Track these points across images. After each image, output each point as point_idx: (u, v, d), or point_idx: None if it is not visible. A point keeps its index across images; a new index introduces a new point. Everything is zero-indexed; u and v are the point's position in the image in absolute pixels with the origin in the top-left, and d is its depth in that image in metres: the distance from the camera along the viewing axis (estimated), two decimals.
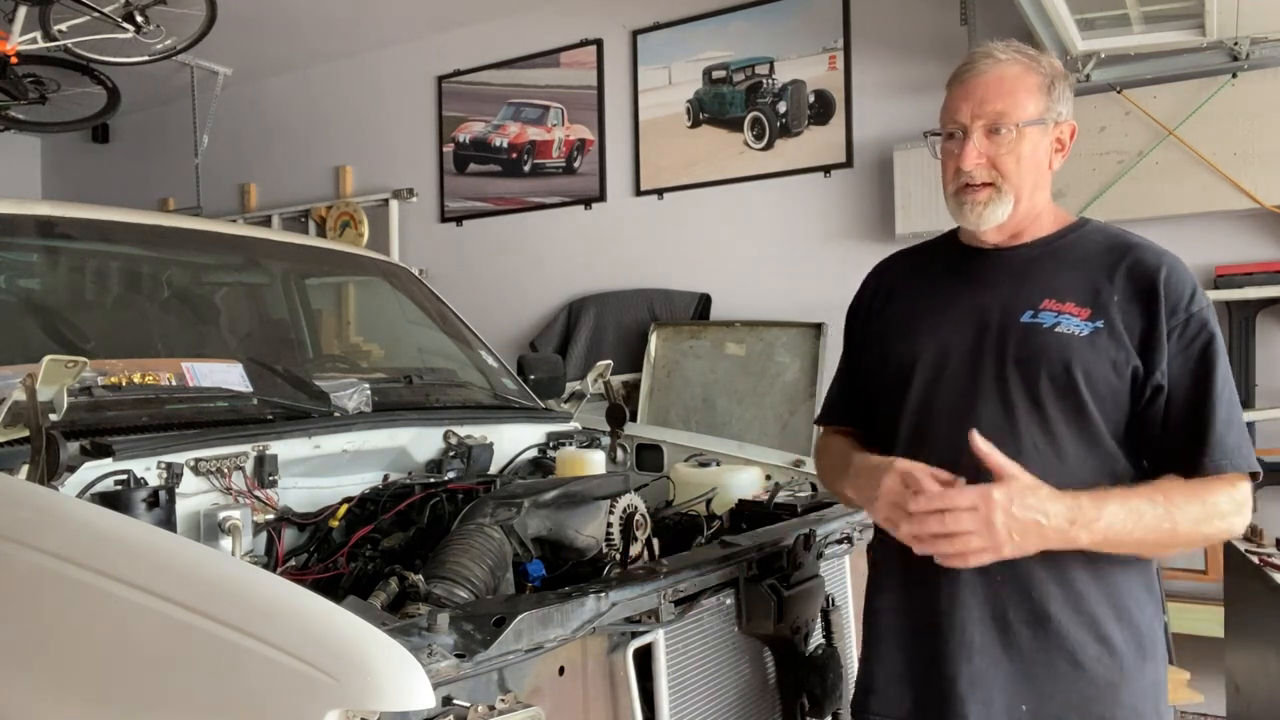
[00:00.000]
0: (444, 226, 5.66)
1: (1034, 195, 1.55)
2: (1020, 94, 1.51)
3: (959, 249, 1.66)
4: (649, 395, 4.63)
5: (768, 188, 4.64)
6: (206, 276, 2.87)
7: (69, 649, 1.28)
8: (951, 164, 1.55)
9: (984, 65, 1.54)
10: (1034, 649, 1.47)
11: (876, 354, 1.68)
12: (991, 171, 1.52)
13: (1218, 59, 3.56)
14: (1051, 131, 1.55)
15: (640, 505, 1.98)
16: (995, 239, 1.58)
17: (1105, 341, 1.47)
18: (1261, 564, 2.49)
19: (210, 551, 1.44)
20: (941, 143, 1.57)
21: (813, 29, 4.52)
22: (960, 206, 1.55)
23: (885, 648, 1.59)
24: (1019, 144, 1.51)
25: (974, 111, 1.51)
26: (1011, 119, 1.50)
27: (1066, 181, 3.81)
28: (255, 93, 6.37)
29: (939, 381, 1.55)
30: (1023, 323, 1.51)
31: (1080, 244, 1.57)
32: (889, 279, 1.75)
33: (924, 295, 1.65)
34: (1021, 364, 1.49)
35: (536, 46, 5.31)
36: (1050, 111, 1.54)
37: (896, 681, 1.56)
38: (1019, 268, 1.57)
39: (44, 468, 1.57)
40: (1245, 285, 3.54)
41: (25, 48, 4.22)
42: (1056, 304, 1.50)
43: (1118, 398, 1.48)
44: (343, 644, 1.10)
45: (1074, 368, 1.46)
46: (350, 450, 2.19)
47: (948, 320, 1.58)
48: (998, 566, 1.44)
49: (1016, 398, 1.49)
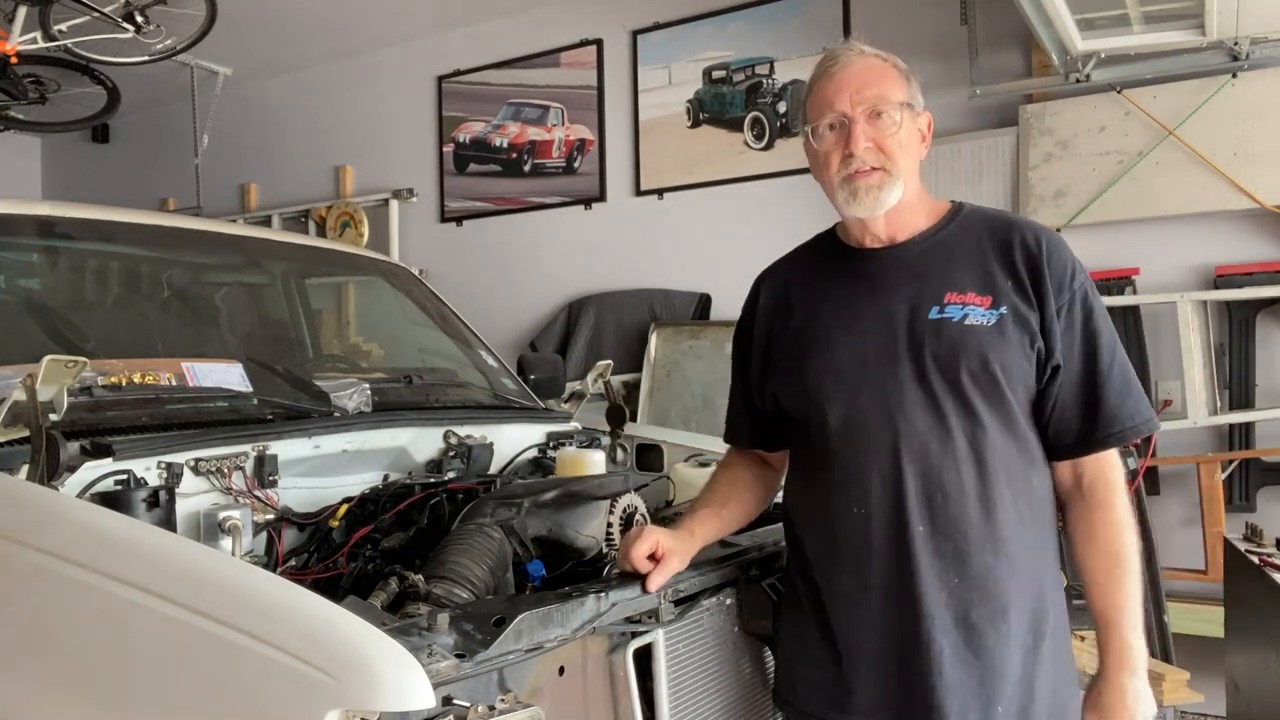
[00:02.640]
0: (444, 226, 5.66)
1: (912, 182, 1.57)
2: (890, 81, 1.55)
3: (845, 251, 1.65)
4: (649, 395, 4.63)
5: (768, 188, 4.64)
6: (206, 276, 2.87)
7: (69, 649, 1.28)
8: (836, 154, 1.55)
9: (850, 57, 1.57)
10: (999, 647, 1.48)
11: (788, 373, 1.63)
12: (879, 155, 1.53)
13: (1218, 59, 3.55)
14: (918, 119, 1.58)
15: (640, 505, 1.98)
16: (882, 230, 1.58)
17: (1010, 327, 1.49)
18: (1261, 564, 2.49)
19: (210, 551, 1.44)
20: (817, 138, 1.57)
21: (813, 29, 4.52)
22: (854, 194, 1.54)
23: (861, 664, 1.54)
24: (900, 127, 1.53)
25: (853, 99, 1.53)
26: (891, 101, 1.53)
27: (1066, 181, 3.82)
28: (255, 93, 6.37)
29: (860, 392, 1.53)
30: (931, 319, 1.51)
31: (962, 231, 1.59)
32: (779, 293, 1.70)
33: (825, 306, 1.62)
34: (940, 361, 1.49)
35: (536, 46, 5.31)
36: (915, 99, 1.57)
37: (877, 700, 1.53)
38: (913, 264, 1.57)
39: (44, 468, 1.57)
40: (1245, 285, 3.54)
41: (25, 48, 4.22)
42: (959, 295, 1.52)
43: (1027, 381, 1.51)
44: (343, 644, 1.10)
45: (991, 361, 1.48)
46: (350, 450, 2.19)
47: (857, 329, 1.56)
48: (954, 570, 1.48)
49: (942, 397, 1.49)
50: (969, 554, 1.48)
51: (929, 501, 1.48)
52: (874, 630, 1.52)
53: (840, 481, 1.54)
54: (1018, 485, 1.51)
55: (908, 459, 1.48)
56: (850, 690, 1.54)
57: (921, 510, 1.48)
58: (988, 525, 1.48)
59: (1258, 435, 3.57)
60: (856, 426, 1.53)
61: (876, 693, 1.52)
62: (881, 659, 1.52)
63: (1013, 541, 1.49)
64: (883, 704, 1.52)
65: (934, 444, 1.48)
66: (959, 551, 1.48)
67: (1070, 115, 3.83)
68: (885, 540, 1.50)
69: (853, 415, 1.53)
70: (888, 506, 1.50)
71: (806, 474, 1.63)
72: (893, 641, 1.51)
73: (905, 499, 1.48)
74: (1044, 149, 3.86)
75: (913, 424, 1.49)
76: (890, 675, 1.51)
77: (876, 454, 1.51)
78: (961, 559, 1.48)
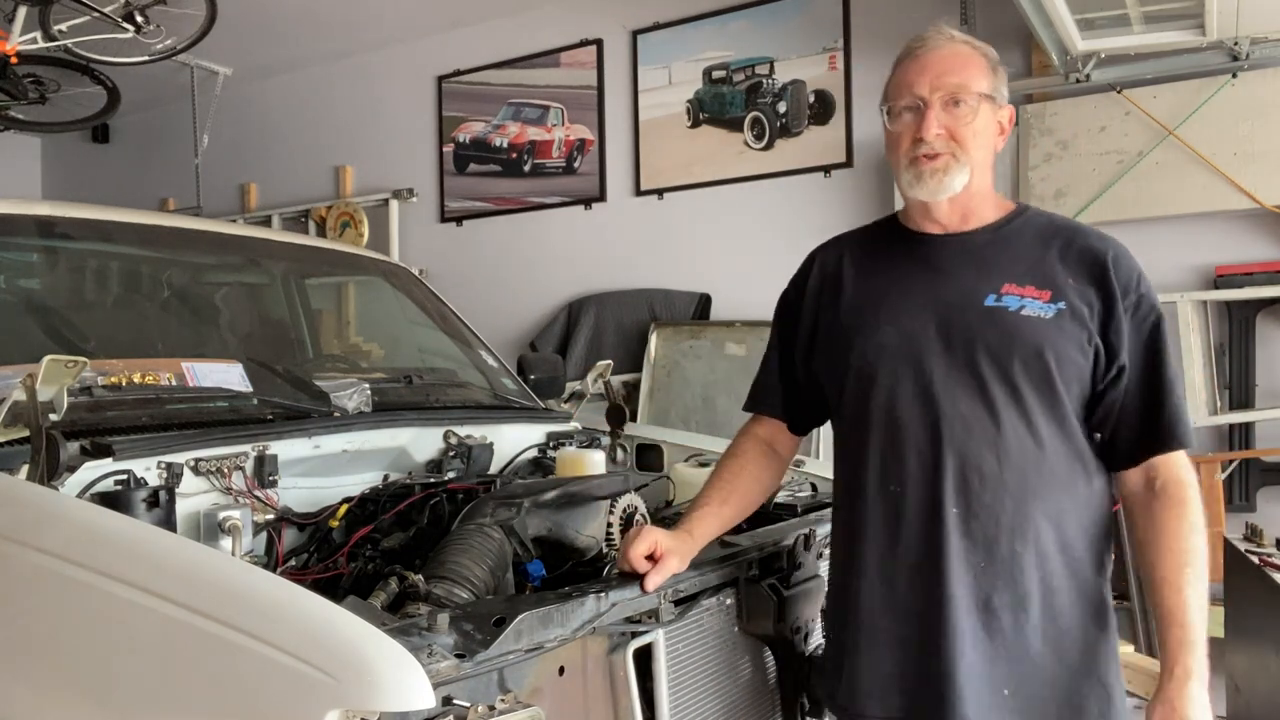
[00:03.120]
0: (444, 226, 5.66)
1: (983, 173, 1.57)
2: (974, 69, 1.55)
3: (907, 235, 1.65)
4: (649, 395, 4.63)
5: (768, 188, 4.64)
6: (206, 276, 2.87)
7: (69, 649, 1.28)
8: (908, 136, 1.55)
9: (938, 41, 1.57)
10: (1014, 632, 1.49)
11: (834, 349, 1.65)
12: (950, 143, 1.53)
13: (1218, 59, 3.55)
14: (998, 112, 1.57)
15: (640, 505, 1.98)
16: (946, 216, 1.58)
17: (1069, 323, 1.49)
18: (1261, 564, 2.49)
19: (210, 551, 1.44)
20: (893, 118, 1.58)
21: (813, 29, 4.51)
22: (918, 176, 1.54)
23: (871, 644, 1.56)
24: (976, 117, 1.53)
25: (933, 84, 1.53)
26: (971, 90, 1.52)
27: (1066, 181, 3.82)
28: (255, 93, 6.37)
29: (908, 373, 1.54)
30: (987, 307, 1.51)
31: (1027, 229, 1.59)
32: (835, 273, 1.71)
33: (879, 284, 1.63)
34: (993, 349, 1.49)
35: (536, 46, 5.31)
36: (998, 91, 1.57)
37: (889, 680, 1.54)
38: (973, 253, 1.57)
39: (44, 468, 1.57)
40: (1245, 285, 3.54)
41: (25, 48, 4.22)
42: (1017, 288, 1.52)
43: (1081, 378, 1.50)
44: (343, 644, 1.10)
45: (1045, 351, 1.48)
46: (350, 450, 2.19)
47: (907, 309, 1.57)
48: (981, 553, 1.48)
49: (992, 384, 1.49)
50: (998, 539, 1.48)
51: (965, 484, 1.49)
52: (895, 609, 1.54)
53: (878, 459, 1.56)
54: (1060, 479, 1.50)
55: (947, 441, 1.48)
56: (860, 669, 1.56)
57: (957, 493, 1.49)
58: (1021, 513, 1.48)
59: (1258, 435, 3.56)
60: (898, 406, 1.54)
61: (889, 672, 1.54)
62: (897, 638, 1.53)
63: (1045, 532, 1.49)
64: (895, 685, 1.53)
65: (976, 429, 1.48)
66: (989, 536, 1.48)
67: (1070, 115, 3.83)
68: (918, 519, 1.51)
69: (895, 395, 1.54)
70: (923, 486, 1.51)
71: (846, 451, 1.64)
72: (912, 621, 1.52)
73: (942, 480, 1.49)
74: (1044, 149, 3.86)
75: (956, 407, 1.49)
76: (907, 656, 1.52)
77: (915, 434, 1.52)
78: (990, 544, 1.48)
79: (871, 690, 1.55)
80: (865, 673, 1.56)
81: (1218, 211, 3.62)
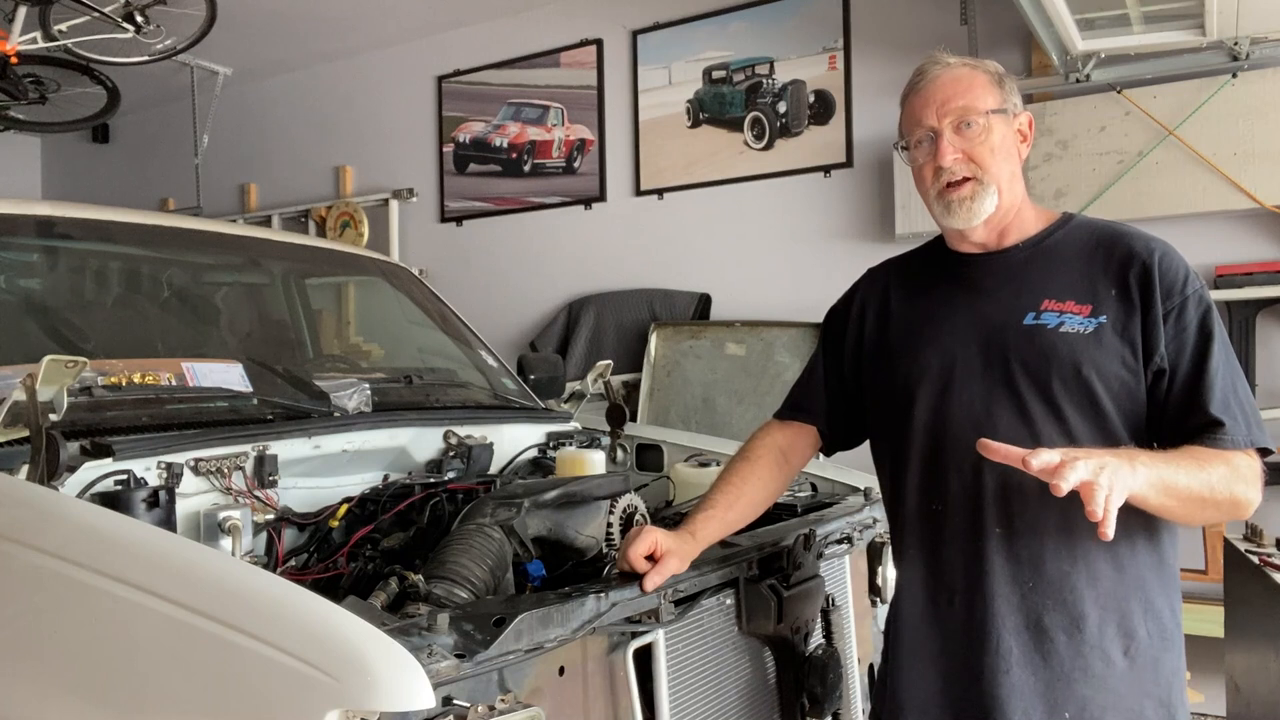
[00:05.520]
0: (444, 226, 5.66)
1: (1013, 186, 1.56)
2: (976, 89, 1.54)
3: (948, 256, 1.65)
4: (649, 395, 4.63)
5: (768, 188, 4.64)
6: (206, 276, 2.86)
7: (69, 649, 1.27)
8: (929, 167, 1.56)
9: (935, 71, 1.57)
10: (1070, 653, 1.47)
11: (878, 372, 1.67)
12: (970, 165, 1.53)
13: (1218, 59, 3.55)
14: (1013, 122, 1.57)
15: (640, 505, 1.98)
16: (984, 237, 1.58)
17: (1110, 336, 1.47)
18: (1261, 564, 2.49)
19: (210, 551, 1.44)
20: (911, 154, 1.58)
21: (813, 29, 4.52)
22: (947, 208, 1.55)
23: (913, 661, 1.56)
24: (989, 134, 1.53)
25: (939, 112, 1.53)
26: (977, 110, 1.52)
27: (1066, 181, 3.82)
28: (255, 93, 6.37)
29: (948, 394, 1.54)
30: (1026, 325, 1.51)
31: (1069, 240, 1.58)
32: (882, 294, 1.72)
33: (921, 308, 1.64)
34: (1030, 367, 1.49)
35: (536, 46, 5.31)
36: (1008, 103, 1.56)
37: (930, 698, 1.54)
38: (1013, 270, 1.56)
39: (44, 468, 1.57)
40: (1245, 285, 3.53)
41: (25, 48, 4.22)
42: (1057, 304, 1.51)
43: (1131, 391, 1.47)
44: (343, 644, 1.10)
45: (1084, 367, 1.46)
46: (350, 450, 2.19)
47: (949, 330, 1.57)
48: (1028, 573, 1.46)
49: (1031, 402, 1.48)
50: (1044, 559, 1.47)
51: (1007, 504, 1.48)
52: (938, 627, 1.54)
53: (920, 479, 1.56)
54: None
55: (988, 461, 1.44)
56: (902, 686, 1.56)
57: (999, 513, 1.49)
58: (1066, 532, 1.46)
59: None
60: (940, 427, 1.54)
61: (931, 690, 1.53)
62: (940, 657, 1.53)
63: (1095, 550, 1.46)
64: (936, 702, 1.53)
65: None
66: (1035, 556, 1.47)
67: (1070, 115, 3.83)
68: (960, 539, 1.51)
69: (937, 417, 1.54)
70: (965, 506, 1.51)
71: (890, 470, 1.65)
72: (957, 640, 1.51)
73: (983, 500, 1.49)
74: (1044, 149, 3.86)
75: (996, 427, 1.48)
76: (950, 674, 1.52)
77: (956, 455, 1.51)
78: (1037, 564, 1.47)
79: (913, 707, 1.55)
80: (908, 689, 1.56)
81: (1217, 211, 3.63)
